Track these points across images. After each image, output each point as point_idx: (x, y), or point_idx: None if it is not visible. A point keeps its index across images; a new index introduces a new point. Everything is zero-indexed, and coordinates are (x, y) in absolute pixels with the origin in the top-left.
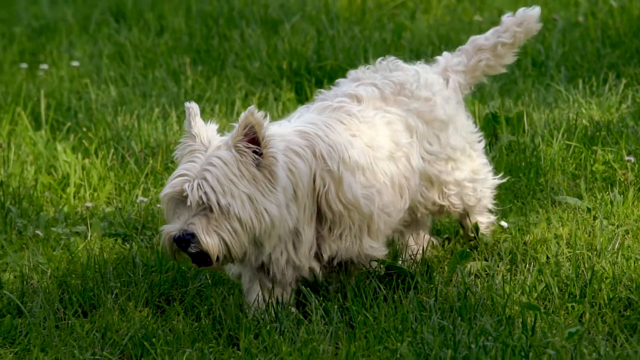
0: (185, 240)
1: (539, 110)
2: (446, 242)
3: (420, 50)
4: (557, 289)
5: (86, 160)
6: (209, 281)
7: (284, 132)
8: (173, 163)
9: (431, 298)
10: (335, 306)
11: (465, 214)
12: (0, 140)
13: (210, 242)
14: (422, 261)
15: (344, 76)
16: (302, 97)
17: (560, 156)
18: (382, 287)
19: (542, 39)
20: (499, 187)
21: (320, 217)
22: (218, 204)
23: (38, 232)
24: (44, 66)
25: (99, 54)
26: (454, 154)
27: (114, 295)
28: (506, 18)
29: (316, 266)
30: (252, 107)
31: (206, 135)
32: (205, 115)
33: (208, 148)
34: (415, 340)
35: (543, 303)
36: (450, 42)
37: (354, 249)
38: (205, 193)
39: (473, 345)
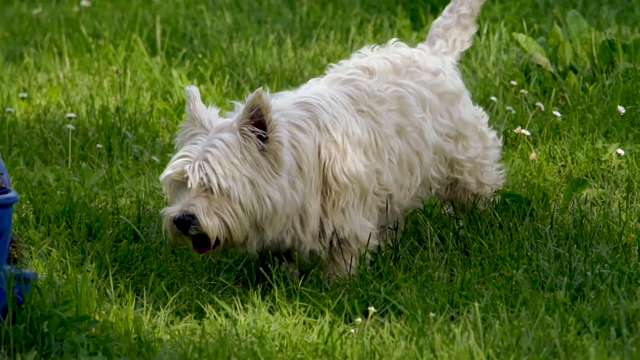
0: (185, 221)
1: None
2: (562, 169)
3: None
4: None
5: (202, 87)
6: None
7: (284, 105)
8: (291, 87)
9: (547, 225)
10: (451, 233)
11: (477, 194)
12: (116, 67)
13: (210, 223)
14: (538, 188)
15: None
16: (417, 25)
17: None
18: (497, 215)
19: None
20: (616, 114)
21: (324, 190)
22: (219, 186)
23: (154, 158)
24: None
25: None
26: (465, 130)
27: None
28: None
29: (318, 246)
30: (260, 90)
31: (207, 119)
32: (319, 42)
33: (210, 131)
34: (530, 268)
35: None
36: None
37: (350, 224)
38: (206, 174)
39: (589, 273)
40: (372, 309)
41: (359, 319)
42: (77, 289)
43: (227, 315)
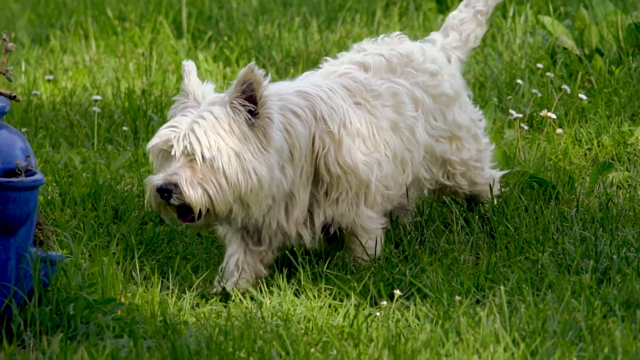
0: (167, 190)
1: None
2: (588, 152)
3: None
4: None
5: (227, 69)
6: None
7: (283, 91)
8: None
9: (573, 209)
10: (476, 217)
11: (472, 196)
12: (142, 49)
13: (192, 193)
14: (564, 171)
15: None
16: (443, 7)
17: None
18: (523, 198)
19: None
20: None
21: (316, 180)
22: (203, 156)
23: None
24: None
25: None
26: (459, 132)
27: None
28: None
29: (305, 233)
30: (253, 64)
31: (201, 93)
32: (345, 25)
33: (202, 104)
34: (556, 251)
35: None
36: None
37: (350, 215)
38: (191, 143)
39: (615, 256)
40: (397, 292)
41: (385, 302)
42: (103, 272)
43: (252, 298)
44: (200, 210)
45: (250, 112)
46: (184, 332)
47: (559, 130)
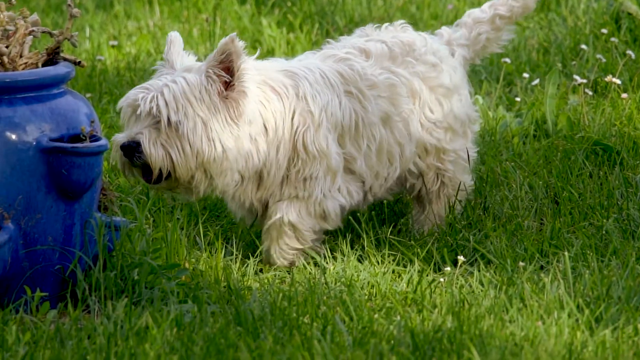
0: (130, 148)
1: None
2: None
3: None
4: None
5: (291, 35)
6: None
7: (270, 67)
8: None
9: (637, 174)
10: (540, 182)
11: (447, 185)
12: (206, 15)
13: (154, 153)
14: (628, 137)
15: None
16: None
17: None
18: (587, 164)
19: None
20: None
21: (292, 157)
22: (168, 118)
23: None
24: None
25: None
26: (454, 124)
27: None
28: None
29: (258, 205)
30: (234, 35)
31: (180, 62)
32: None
33: (177, 70)
34: (620, 217)
35: None
36: None
37: (328, 194)
38: (157, 105)
39: None
40: (461, 258)
41: (448, 268)
42: (167, 237)
43: (316, 264)
44: (161, 172)
45: (225, 82)
46: (247, 297)
47: (624, 95)
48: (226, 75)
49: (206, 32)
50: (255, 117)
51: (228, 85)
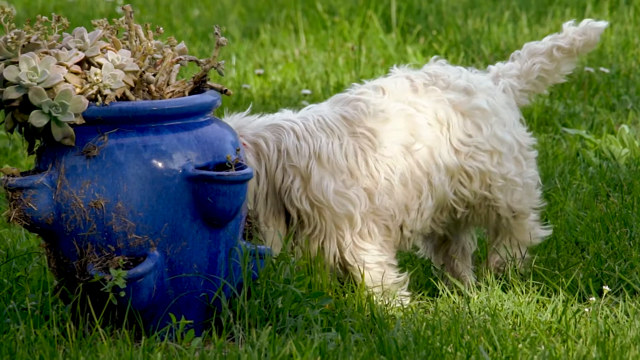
0: None
1: None
2: None
3: None
4: None
5: None
6: None
7: (255, 124)
8: None
9: None
10: None
11: (505, 220)
12: (351, 43)
13: None
14: None
15: None
16: None
17: None
18: None
19: None
20: None
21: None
22: None
23: None
24: None
25: None
26: (500, 146)
27: None
28: (567, 26)
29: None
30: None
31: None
32: (555, 19)
33: None
34: None
35: None
36: None
37: (331, 250)
38: None
39: None
40: (606, 288)
41: (593, 298)
42: (311, 265)
43: (460, 293)
44: None
45: None
46: (391, 326)
47: None
48: None
49: (351, 61)
50: None
51: None
